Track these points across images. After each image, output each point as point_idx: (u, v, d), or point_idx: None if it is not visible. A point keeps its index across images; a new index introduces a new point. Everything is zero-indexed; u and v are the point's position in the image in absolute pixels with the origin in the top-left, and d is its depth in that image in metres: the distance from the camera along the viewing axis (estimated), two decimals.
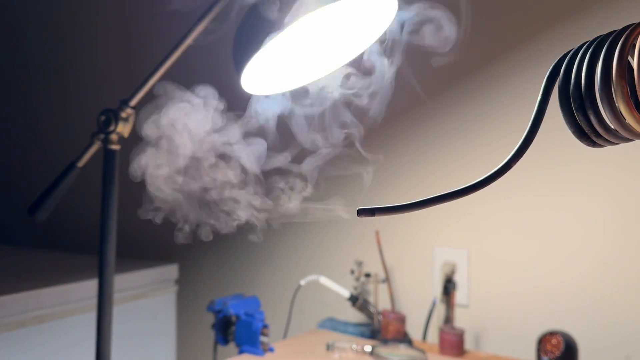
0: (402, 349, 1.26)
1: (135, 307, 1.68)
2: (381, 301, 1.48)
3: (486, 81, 1.37)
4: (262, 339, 1.26)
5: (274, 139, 0.80)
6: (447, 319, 1.33)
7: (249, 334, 1.27)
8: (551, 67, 0.43)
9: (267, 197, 0.81)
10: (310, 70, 0.85)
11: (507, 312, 1.35)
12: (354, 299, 1.43)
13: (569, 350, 1.12)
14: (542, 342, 1.14)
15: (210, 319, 1.38)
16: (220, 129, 0.80)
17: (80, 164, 0.97)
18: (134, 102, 0.94)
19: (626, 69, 0.38)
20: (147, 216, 0.81)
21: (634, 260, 1.20)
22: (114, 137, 0.94)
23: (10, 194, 2.41)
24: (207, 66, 1.46)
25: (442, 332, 1.29)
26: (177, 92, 0.81)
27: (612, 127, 0.40)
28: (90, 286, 1.53)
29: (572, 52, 0.41)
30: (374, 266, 1.49)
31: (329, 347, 1.30)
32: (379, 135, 1.51)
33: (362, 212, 0.44)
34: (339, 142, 0.79)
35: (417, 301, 1.46)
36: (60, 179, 0.97)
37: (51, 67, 2.34)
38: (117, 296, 1.53)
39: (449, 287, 1.33)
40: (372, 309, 1.44)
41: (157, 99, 0.81)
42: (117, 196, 0.96)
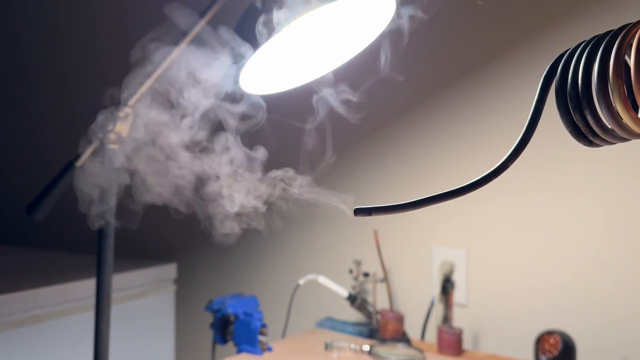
0: (401, 349, 1.27)
1: (133, 306, 1.68)
2: (379, 300, 1.48)
3: (483, 81, 1.37)
4: (261, 338, 1.26)
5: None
6: (446, 319, 1.33)
7: (247, 333, 1.27)
8: (548, 67, 0.43)
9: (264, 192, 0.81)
10: (310, 70, 0.86)
11: (505, 312, 1.35)
12: (352, 299, 1.43)
13: (567, 349, 1.12)
14: (540, 341, 1.14)
15: (208, 318, 1.38)
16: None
17: (78, 163, 0.97)
18: (132, 102, 0.95)
19: (623, 68, 0.38)
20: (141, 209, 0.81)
21: (633, 260, 1.20)
22: (112, 136, 0.95)
23: (8, 193, 2.41)
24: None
25: (440, 331, 1.29)
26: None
27: (609, 126, 0.39)
28: (88, 285, 1.53)
29: (569, 51, 0.41)
30: (372, 266, 1.49)
31: (328, 346, 1.30)
32: (379, 135, 1.52)
33: (359, 212, 0.44)
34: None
35: (415, 301, 1.46)
36: (58, 178, 0.97)
37: (49, 67, 2.34)
38: (116, 295, 1.52)
39: (447, 286, 1.33)
40: (371, 309, 1.44)
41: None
42: (116, 195, 0.96)
